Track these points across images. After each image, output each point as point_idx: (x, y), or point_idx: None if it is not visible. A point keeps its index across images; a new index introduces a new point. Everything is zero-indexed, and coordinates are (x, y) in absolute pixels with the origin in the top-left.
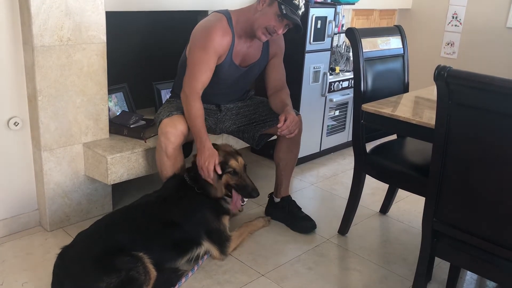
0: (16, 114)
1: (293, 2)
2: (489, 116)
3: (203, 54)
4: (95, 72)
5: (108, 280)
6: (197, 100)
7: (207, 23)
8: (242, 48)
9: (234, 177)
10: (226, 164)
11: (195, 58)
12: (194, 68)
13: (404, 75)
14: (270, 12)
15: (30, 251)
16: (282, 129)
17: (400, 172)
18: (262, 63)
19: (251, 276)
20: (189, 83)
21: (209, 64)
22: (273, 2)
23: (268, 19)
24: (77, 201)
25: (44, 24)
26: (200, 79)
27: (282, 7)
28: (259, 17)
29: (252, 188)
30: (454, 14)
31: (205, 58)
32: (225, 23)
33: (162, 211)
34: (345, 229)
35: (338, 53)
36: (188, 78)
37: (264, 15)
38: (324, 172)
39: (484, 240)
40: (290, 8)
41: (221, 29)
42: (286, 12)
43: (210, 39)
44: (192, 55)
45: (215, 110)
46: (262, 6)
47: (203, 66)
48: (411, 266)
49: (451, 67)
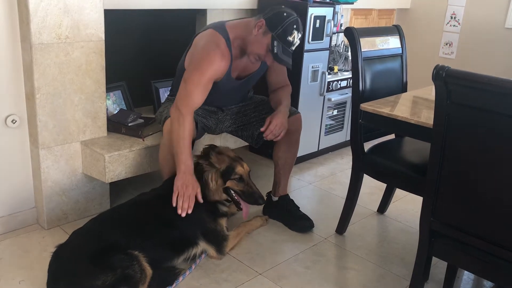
0: (14, 111)
1: (287, 39)
2: (487, 116)
3: (201, 77)
4: (93, 70)
5: (104, 278)
6: (191, 120)
7: (206, 48)
8: (241, 63)
9: (240, 184)
10: (233, 170)
11: (194, 80)
12: (190, 89)
13: (402, 75)
14: (264, 42)
15: (27, 249)
16: (266, 134)
17: (398, 171)
18: (261, 72)
19: (249, 275)
20: (184, 102)
21: (206, 87)
22: (267, 34)
23: (260, 48)
24: (74, 199)
25: (42, 22)
26: (196, 100)
27: (274, 44)
28: (253, 43)
29: (259, 195)
30: (452, 14)
31: (203, 81)
32: (224, 46)
33: (159, 210)
34: (342, 228)
35: (336, 52)
36: (184, 97)
37: (258, 43)
38: (322, 171)
39: (481, 239)
40: (283, 46)
41: (220, 53)
42: (277, 51)
43: (209, 63)
44: (191, 76)
45: (216, 111)
46: (257, 31)
47: (200, 88)
48: (409, 266)
49: (450, 67)
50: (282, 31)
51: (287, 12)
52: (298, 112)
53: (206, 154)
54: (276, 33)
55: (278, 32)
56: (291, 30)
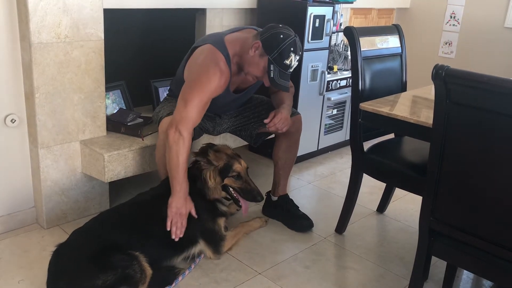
0: (13, 111)
1: (283, 62)
2: (486, 115)
3: (201, 97)
4: (92, 69)
5: (104, 278)
6: (189, 142)
7: (205, 65)
8: (239, 78)
9: (238, 181)
10: (231, 167)
11: (194, 101)
12: (190, 110)
13: (402, 74)
14: (260, 64)
15: (26, 249)
16: (269, 126)
17: (398, 171)
18: (260, 83)
19: (248, 275)
20: (185, 124)
21: (206, 105)
22: (264, 56)
23: (257, 70)
24: (74, 199)
25: (41, 21)
26: (196, 121)
27: (270, 68)
28: (250, 63)
29: (257, 191)
30: (452, 14)
31: (203, 101)
32: (223, 63)
33: (158, 209)
34: (342, 227)
35: (336, 51)
36: (185, 119)
37: (255, 64)
38: (322, 170)
39: (481, 239)
40: (280, 70)
41: (219, 72)
42: (273, 76)
43: (209, 82)
44: (190, 96)
45: (214, 116)
46: (254, 53)
47: (200, 108)
48: (408, 265)
49: (449, 66)
50: (278, 55)
51: (284, 34)
52: (298, 113)
53: (204, 151)
54: (273, 57)
55: (275, 56)
56: (288, 53)
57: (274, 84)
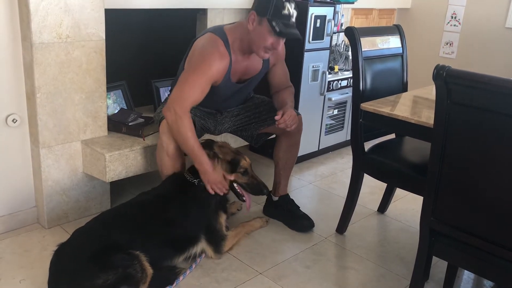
0: (15, 111)
1: (282, 13)
2: (487, 116)
3: (198, 78)
4: (93, 69)
5: (105, 277)
6: (189, 119)
7: (204, 49)
8: (241, 66)
9: (245, 176)
10: (238, 164)
11: (189, 80)
12: (186, 88)
13: (403, 75)
14: (264, 31)
15: (27, 248)
16: (279, 122)
17: (398, 171)
18: (262, 74)
19: (249, 274)
20: (180, 102)
21: (202, 87)
22: (262, 21)
23: (264, 39)
24: (75, 199)
25: (43, 21)
26: (191, 99)
27: (273, 24)
28: (255, 38)
29: (263, 185)
30: (453, 14)
31: (199, 81)
32: (222, 47)
33: (160, 209)
34: (343, 228)
35: (337, 52)
36: (179, 97)
37: (259, 35)
38: (323, 171)
39: (482, 239)
40: (282, 22)
41: (218, 54)
42: (279, 29)
43: (207, 64)
44: (186, 77)
45: (215, 113)
46: (252, 25)
47: (196, 88)
48: (409, 265)
49: (450, 66)
50: (274, 10)
51: None
52: (299, 113)
53: (209, 145)
54: (270, 15)
55: (271, 12)
56: (282, 4)
57: (283, 35)
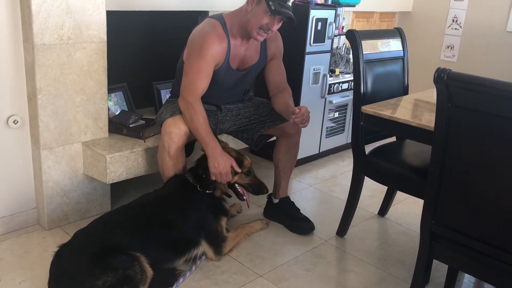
0: (16, 112)
1: None
2: (488, 119)
3: (201, 62)
4: (95, 71)
5: (105, 279)
6: (200, 106)
7: (202, 31)
8: (240, 52)
9: (247, 177)
10: (242, 164)
11: (193, 67)
12: (193, 76)
13: (404, 78)
14: (260, 11)
15: (28, 250)
16: (297, 116)
17: (399, 174)
18: (260, 65)
19: (249, 277)
20: (190, 90)
21: (207, 71)
22: (261, 1)
23: (259, 18)
24: (75, 200)
25: (44, 23)
26: (200, 86)
27: (270, 3)
28: (251, 18)
29: (264, 185)
30: (454, 18)
31: (203, 66)
32: (220, 29)
33: (161, 211)
34: (343, 231)
35: (338, 55)
36: (188, 86)
37: (255, 15)
38: (323, 173)
39: (482, 242)
40: (278, 2)
41: (216, 36)
42: (275, 7)
43: (207, 46)
44: (190, 63)
45: (215, 111)
46: (251, 6)
47: (202, 74)
48: (409, 269)
49: (451, 69)
50: None
51: None
52: None
53: None
54: None
55: None
56: None
57: (277, 12)
